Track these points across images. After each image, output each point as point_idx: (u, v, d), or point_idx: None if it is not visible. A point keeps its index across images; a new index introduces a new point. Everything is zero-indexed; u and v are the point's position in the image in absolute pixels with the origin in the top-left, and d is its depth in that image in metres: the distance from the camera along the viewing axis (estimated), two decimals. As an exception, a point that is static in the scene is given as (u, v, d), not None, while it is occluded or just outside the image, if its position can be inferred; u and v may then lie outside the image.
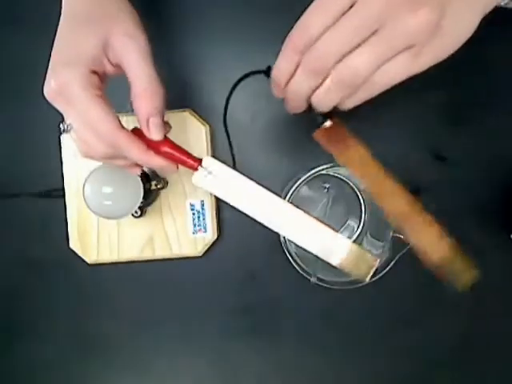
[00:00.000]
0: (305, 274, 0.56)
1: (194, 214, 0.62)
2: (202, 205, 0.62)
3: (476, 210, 0.61)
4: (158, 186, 0.61)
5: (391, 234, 0.53)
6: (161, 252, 0.63)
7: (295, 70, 0.37)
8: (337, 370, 0.63)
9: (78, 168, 0.62)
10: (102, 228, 0.62)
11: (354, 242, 0.58)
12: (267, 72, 0.42)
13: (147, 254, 0.63)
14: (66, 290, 0.64)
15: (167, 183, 0.62)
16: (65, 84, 0.40)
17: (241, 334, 0.63)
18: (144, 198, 0.57)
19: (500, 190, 0.60)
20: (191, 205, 0.62)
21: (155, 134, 0.43)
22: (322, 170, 0.54)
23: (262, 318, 0.63)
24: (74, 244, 0.62)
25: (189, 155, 0.45)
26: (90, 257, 0.62)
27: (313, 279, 0.55)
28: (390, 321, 0.63)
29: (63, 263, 0.63)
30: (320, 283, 0.56)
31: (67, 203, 0.62)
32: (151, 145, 0.43)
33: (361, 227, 0.61)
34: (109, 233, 0.62)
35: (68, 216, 0.62)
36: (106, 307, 0.64)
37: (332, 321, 0.63)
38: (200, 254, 0.62)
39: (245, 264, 0.63)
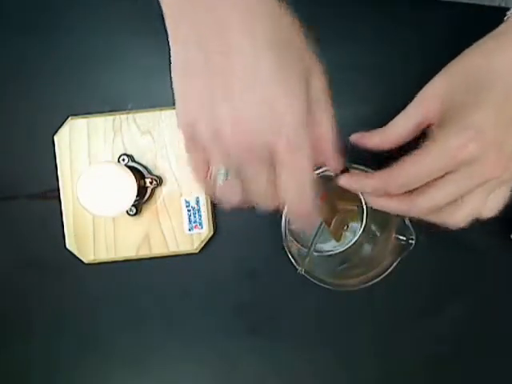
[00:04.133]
0: (305, 274, 0.55)
1: (189, 210, 0.62)
2: (197, 201, 0.62)
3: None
4: (152, 184, 0.60)
5: (394, 235, 0.53)
6: (157, 250, 0.62)
7: None
8: (336, 370, 0.64)
9: (72, 168, 0.61)
10: (98, 227, 0.62)
11: (356, 242, 0.58)
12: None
13: (144, 252, 0.62)
14: (63, 290, 0.64)
15: (161, 181, 0.62)
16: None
17: (240, 333, 0.64)
18: (138, 195, 0.58)
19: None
20: (186, 201, 0.62)
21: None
22: (323, 171, 0.53)
23: (261, 316, 0.64)
24: (70, 244, 0.62)
25: None
26: (87, 256, 0.62)
27: (300, 269, 0.55)
28: (390, 321, 0.63)
29: (60, 263, 0.63)
30: (313, 280, 0.55)
31: (63, 203, 0.62)
32: None
33: (362, 228, 0.61)
34: (105, 232, 0.62)
35: (64, 216, 0.62)
36: (104, 306, 0.64)
37: (332, 321, 0.63)
38: (197, 251, 0.62)
39: (243, 261, 0.63)
